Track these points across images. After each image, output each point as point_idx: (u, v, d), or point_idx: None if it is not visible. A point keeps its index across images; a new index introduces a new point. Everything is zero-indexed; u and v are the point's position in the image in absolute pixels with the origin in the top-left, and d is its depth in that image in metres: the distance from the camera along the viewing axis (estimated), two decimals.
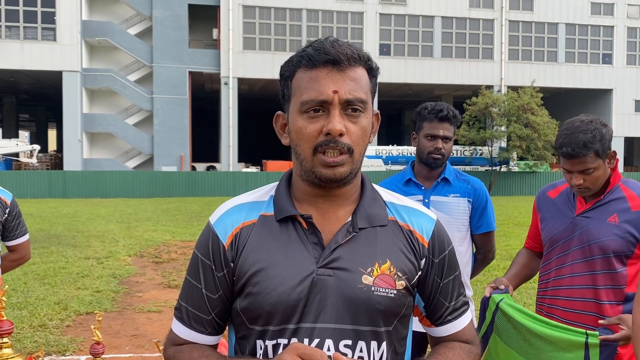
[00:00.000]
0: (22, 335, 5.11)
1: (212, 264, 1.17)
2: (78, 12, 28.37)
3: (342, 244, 1.13)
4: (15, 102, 38.59)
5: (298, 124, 1.12)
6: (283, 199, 1.19)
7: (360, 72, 1.13)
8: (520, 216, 16.04)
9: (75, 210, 17.81)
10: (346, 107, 1.10)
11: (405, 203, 1.25)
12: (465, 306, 1.28)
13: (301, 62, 1.12)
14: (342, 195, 1.17)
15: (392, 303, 1.13)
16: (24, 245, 2.75)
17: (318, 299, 1.10)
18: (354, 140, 1.11)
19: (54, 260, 8.95)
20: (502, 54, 32.45)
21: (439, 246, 1.22)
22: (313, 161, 1.11)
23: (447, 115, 2.56)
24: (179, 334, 1.20)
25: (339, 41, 1.12)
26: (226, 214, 1.20)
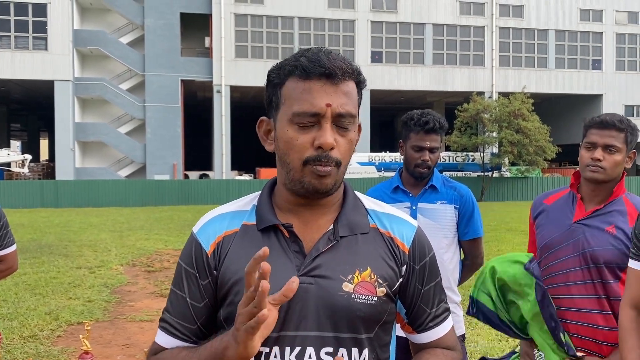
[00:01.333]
0: (12, 346, 5.08)
1: (197, 272, 1.17)
2: (70, 22, 28.35)
3: (323, 252, 1.14)
4: (7, 112, 38.44)
5: (288, 134, 1.11)
6: (265, 208, 1.19)
7: (351, 86, 1.14)
8: (513, 221, 16.11)
9: (67, 220, 17.72)
10: (337, 121, 1.11)
11: (387, 210, 1.26)
12: (447, 312, 1.29)
13: (294, 72, 1.12)
14: (325, 204, 1.19)
15: (372, 310, 1.14)
16: (11, 256, 2.74)
17: (299, 307, 1.11)
18: (342, 153, 1.13)
19: (46, 270, 8.90)
20: (492, 61, 32.69)
21: (419, 253, 1.23)
22: (303, 172, 1.12)
23: (434, 127, 2.56)
24: (163, 344, 1.19)
25: (333, 53, 1.12)
26: (208, 223, 1.21)
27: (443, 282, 2.61)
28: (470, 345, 4.96)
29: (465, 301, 2.76)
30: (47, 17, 28.21)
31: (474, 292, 2.25)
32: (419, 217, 2.60)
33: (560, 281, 2.03)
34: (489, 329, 5.57)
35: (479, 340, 5.19)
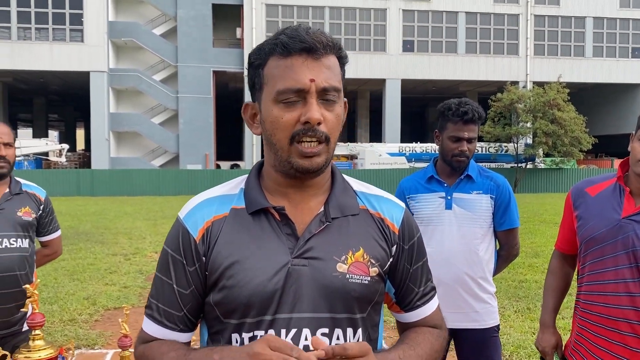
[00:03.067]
0: (53, 329, 5.25)
1: (183, 259, 1.15)
2: (105, 13, 28.84)
3: (316, 233, 1.14)
4: (45, 103, 39.43)
5: (273, 113, 1.10)
6: (254, 191, 1.18)
7: (333, 61, 1.12)
8: (546, 213, 15.82)
9: (103, 208, 18.15)
10: (322, 96, 1.09)
11: (374, 192, 1.26)
12: (433, 291, 1.31)
13: (275, 50, 1.10)
14: (314, 185, 1.18)
15: (366, 290, 1.15)
16: (56, 241, 2.86)
17: (294, 289, 1.11)
18: (330, 128, 1.11)
19: (83, 256, 9.15)
20: (527, 49, 31.98)
21: (408, 233, 1.24)
22: (289, 151, 1.10)
23: (472, 118, 2.52)
24: (150, 332, 1.18)
25: (313, 28, 1.12)
26: (196, 208, 1.19)
27: (478, 272, 2.61)
28: (503, 337, 4.91)
29: (498, 291, 2.73)
30: (83, 10, 28.76)
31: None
32: (454, 207, 2.58)
33: (608, 278, 1.92)
34: (522, 321, 5.50)
35: (511, 332, 5.14)
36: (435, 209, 2.61)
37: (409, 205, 2.70)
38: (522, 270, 7.84)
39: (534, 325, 5.33)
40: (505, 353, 4.58)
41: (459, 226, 2.57)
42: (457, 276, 2.56)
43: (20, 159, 26.05)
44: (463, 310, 2.57)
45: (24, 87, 34.23)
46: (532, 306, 6.00)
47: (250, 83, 1.17)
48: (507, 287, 6.84)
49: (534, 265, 8.20)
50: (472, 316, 2.58)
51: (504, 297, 6.32)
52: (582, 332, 1.96)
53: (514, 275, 7.48)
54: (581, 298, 1.99)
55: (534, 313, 5.74)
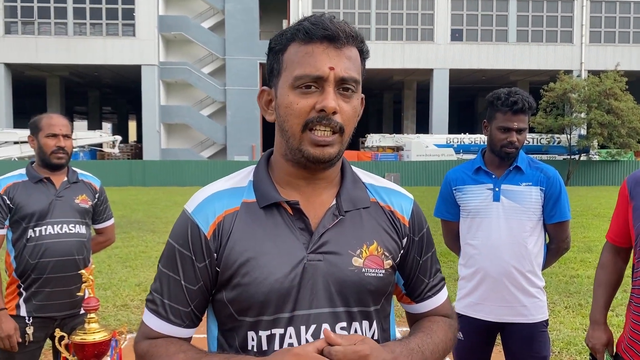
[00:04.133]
0: (107, 313, 5.47)
1: (193, 254, 1.11)
2: (155, 8, 29.54)
3: (330, 228, 1.12)
4: (99, 96, 40.81)
5: (289, 99, 1.07)
6: (264, 184, 1.15)
7: (354, 52, 1.10)
8: (601, 207, 15.27)
9: (154, 198, 18.67)
10: (340, 86, 1.07)
11: (383, 184, 1.25)
12: (443, 282, 1.30)
13: (296, 36, 1.08)
14: (325, 178, 1.16)
15: (381, 282, 1.15)
16: (110, 229, 2.98)
17: (310, 284, 1.09)
18: (345, 119, 1.08)
19: (135, 244, 9.46)
20: (582, 37, 30.81)
21: (418, 225, 1.24)
22: (301, 138, 1.07)
23: (523, 108, 2.46)
24: (154, 327, 1.14)
25: (337, 18, 1.09)
26: (205, 202, 1.14)
27: (526, 266, 2.56)
28: (553, 333, 4.79)
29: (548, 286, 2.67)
30: (134, 4, 29.54)
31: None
32: (502, 199, 2.53)
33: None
34: (573, 317, 5.35)
35: (562, 328, 5.01)
36: (482, 200, 2.57)
37: (455, 197, 2.66)
38: (574, 265, 7.61)
39: (586, 321, 5.17)
40: (554, 349, 4.47)
41: (507, 219, 2.52)
42: (504, 269, 2.51)
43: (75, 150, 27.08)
44: (510, 304, 2.53)
45: (79, 81, 35.51)
46: (584, 302, 5.83)
47: (269, 68, 1.15)
48: (558, 282, 6.66)
49: (586, 261, 7.95)
50: (520, 310, 2.53)
51: (554, 292, 6.16)
52: (637, 327, 1.90)
53: (565, 270, 7.28)
54: (636, 293, 1.91)
55: (585, 309, 5.57)
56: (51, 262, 2.57)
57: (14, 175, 2.66)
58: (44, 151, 2.62)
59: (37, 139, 2.63)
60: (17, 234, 2.60)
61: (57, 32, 29.60)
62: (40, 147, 2.62)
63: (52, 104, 33.34)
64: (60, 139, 2.61)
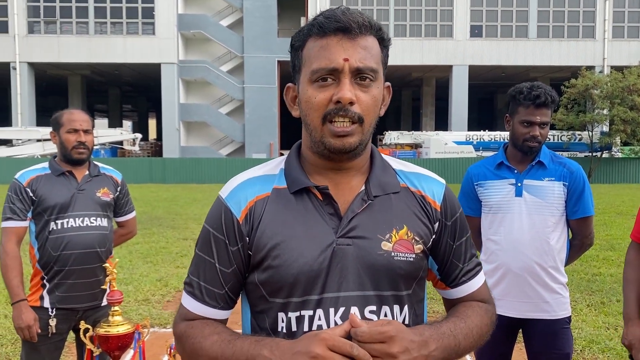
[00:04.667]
0: (128, 308, 5.53)
1: (226, 238, 1.16)
2: (174, 6, 29.76)
3: (359, 212, 1.14)
4: (120, 94, 41.27)
5: (308, 93, 1.10)
6: (295, 171, 1.18)
7: (371, 41, 1.11)
8: (623, 205, 15.02)
9: (174, 195, 18.84)
10: (357, 76, 1.08)
11: (414, 169, 1.26)
12: (479, 267, 1.29)
13: (312, 31, 1.10)
14: (353, 167, 1.17)
15: (411, 267, 1.15)
16: (131, 221, 3.02)
17: (339, 268, 1.11)
18: (364, 109, 1.09)
19: (156, 240, 9.56)
20: (604, 32, 30.29)
21: (450, 209, 1.24)
22: (322, 131, 1.10)
23: (545, 102, 2.43)
24: (191, 309, 1.19)
25: (351, 10, 1.10)
26: (238, 188, 1.19)
27: (548, 261, 2.53)
28: (575, 331, 4.73)
29: (570, 284, 2.63)
30: (154, 3, 29.79)
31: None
32: (524, 194, 2.50)
33: None
34: (596, 315, 5.28)
35: (584, 326, 4.94)
36: (504, 196, 2.55)
37: (477, 193, 2.64)
38: (596, 263, 7.50)
39: (608, 320, 5.10)
40: (576, 348, 4.41)
41: (529, 214, 2.49)
42: (527, 265, 2.49)
43: (96, 147, 27.42)
44: (532, 300, 2.50)
45: (100, 79, 35.95)
46: (607, 300, 5.74)
47: (292, 65, 1.18)
48: (580, 280, 6.58)
49: (609, 259, 7.83)
50: (542, 306, 2.50)
51: (576, 290, 6.08)
52: None
53: (587, 268, 7.18)
54: None
55: (608, 307, 5.49)
56: (73, 255, 2.61)
57: (38, 169, 2.72)
58: (65, 146, 2.66)
59: (59, 134, 2.68)
60: (40, 226, 2.65)
61: (79, 31, 29.99)
62: (62, 142, 2.67)
63: (73, 102, 33.82)
64: (80, 134, 2.65)
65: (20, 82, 29.45)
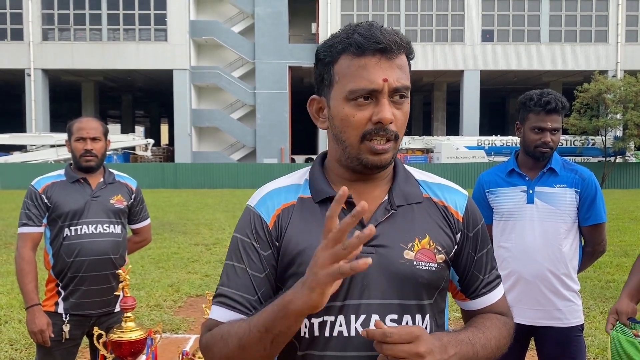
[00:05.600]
0: (141, 313, 5.57)
1: (258, 243, 1.17)
2: (187, 13, 30.00)
3: (382, 221, 1.16)
4: (132, 100, 41.62)
5: (345, 111, 1.12)
6: (319, 181, 1.21)
7: (404, 60, 1.14)
8: (638, 210, 14.87)
9: (186, 200, 18.94)
10: (393, 95, 1.12)
11: (437, 180, 1.27)
12: (498, 279, 1.29)
13: (348, 49, 1.11)
14: (378, 177, 1.20)
15: (433, 276, 1.16)
16: (146, 229, 3.04)
17: (362, 276, 1.12)
18: (399, 126, 1.13)
19: (167, 245, 9.61)
20: (618, 36, 30.07)
21: (472, 221, 1.24)
22: (360, 148, 1.12)
23: (556, 107, 2.43)
24: (221, 318, 1.15)
25: (385, 27, 1.12)
26: (266, 196, 1.22)
27: (561, 269, 2.52)
28: (588, 339, 4.69)
29: (583, 291, 2.62)
30: (166, 10, 30.06)
31: None
32: (536, 201, 2.50)
33: None
34: None
35: (597, 334, 4.89)
36: (516, 203, 2.54)
37: (488, 200, 2.64)
38: (610, 270, 7.43)
39: None
40: (590, 355, 4.37)
41: (541, 221, 2.49)
42: (539, 272, 2.48)
43: (110, 153, 27.67)
44: (544, 307, 2.49)
45: (113, 85, 36.30)
46: None
47: (319, 78, 1.18)
48: (593, 287, 6.52)
49: (622, 265, 7.75)
50: (554, 314, 2.49)
51: (589, 297, 6.03)
52: None
53: (600, 275, 7.11)
54: None
55: None
56: (86, 261, 2.64)
57: (53, 176, 2.76)
58: (75, 154, 2.73)
59: (70, 142, 2.74)
60: (54, 232, 2.69)
61: (92, 38, 30.33)
62: (72, 150, 2.73)
63: (86, 108, 34.18)
64: (87, 142, 2.70)
65: (34, 89, 29.83)
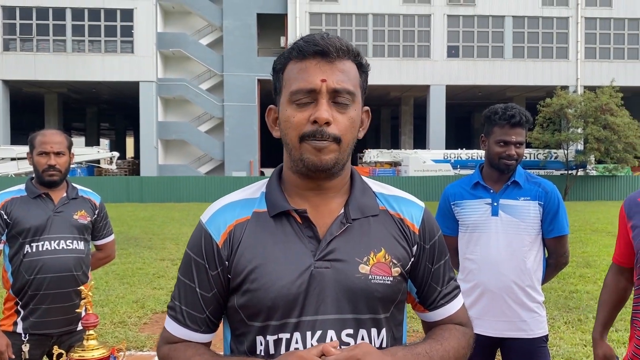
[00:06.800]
0: (104, 330, 5.42)
1: (206, 263, 1.17)
2: (154, 25, 29.74)
3: (337, 235, 1.15)
4: (97, 112, 40.87)
5: (287, 113, 1.13)
6: (275, 194, 1.19)
7: (349, 65, 1.14)
8: (599, 222, 15.28)
9: (151, 214, 18.62)
10: (334, 97, 1.11)
11: (393, 192, 1.28)
12: (457, 290, 1.30)
13: (292, 55, 1.14)
14: (333, 187, 1.19)
15: (389, 290, 1.16)
16: (110, 245, 2.97)
17: (317, 291, 1.12)
18: (341, 129, 1.12)
19: (132, 261, 9.41)
20: (577, 53, 31.07)
21: (429, 233, 1.25)
22: (300, 149, 1.12)
23: (520, 121, 2.49)
24: (173, 332, 1.21)
25: (330, 35, 1.14)
26: (218, 212, 1.21)
27: (525, 280, 2.56)
28: (552, 349, 4.77)
29: (547, 301, 2.67)
30: (133, 22, 29.74)
31: None
32: (500, 213, 2.54)
33: None
34: (573, 332, 5.33)
35: (561, 344, 4.98)
36: (480, 215, 2.58)
37: (454, 212, 2.67)
38: (573, 281, 7.59)
39: (585, 337, 5.15)
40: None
41: (506, 233, 2.53)
42: (504, 284, 2.51)
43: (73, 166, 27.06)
44: (510, 319, 2.52)
45: (77, 97, 35.59)
46: (584, 317, 5.80)
47: (273, 87, 1.21)
48: (557, 298, 6.64)
49: (585, 276, 7.93)
50: (520, 325, 2.52)
51: (553, 307, 6.14)
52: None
53: (564, 286, 7.26)
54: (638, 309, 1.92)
55: (585, 325, 5.55)
56: (47, 278, 2.56)
57: (13, 191, 2.67)
58: (37, 169, 2.63)
59: (32, 156, 2.64)
60: (14, 249, 2.59)
61: (56, 49, 29.74)
62: (35, 164, 2.64)
63: (49, 120, 33.37)
64: (51, 157, 2.61)
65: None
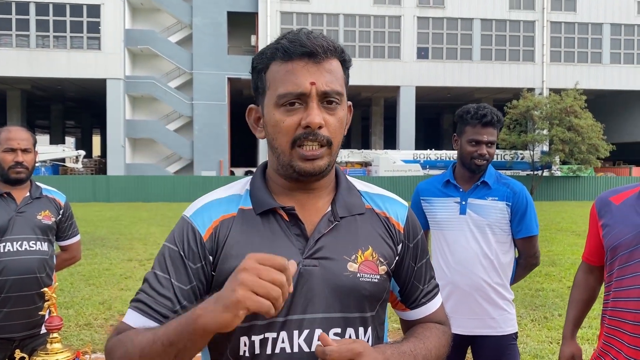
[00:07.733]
0: (69, 333, 5.29)
1: (188, 255, 1.11)
2: (122, 22, 29.21)
3: (325, 233, 1.14)
4: (62, 110, 39.94)
5: (275, 117, 1.10)
6: (261, 192, 1.17)
7: (335, 64, 1.12)
8: (564, 222, 15.65)
9: (119, 214, 18.29)
10: (323, 99, 1.09)
11: (378, 191, 1.27)
12: (437, 289, 1.31)
13: (276, 55, 1.10)
14: (319, 187, 1.18)
15: (376, 288, 1.15)
16: (75, 246, 2.89)
17: (305, 289, 1.10)
18: (332, 132, 1.11)
19: (99, 262, 9.22)
20: (543, 56, 31.78)
21: (413, 231, 1.25)
22: (291, 155, 1.10)
23: (492, 121, 2.52)
24: (133, 323, 1.08)
25: (314, 33, 1.12)
26: (203, 208, 1.17)
27: (494, 278, 2.58)
28: (520, 346, 4.84)
29: (515, 300, 2.70)
30: (100, 18, 29.15)
31: None
32: (468, 212, 2.56)
33: (628, 284, 1.87)
34: (539, 330, 5.43)
35: (528, 341, 5.07)
36: (449, 213, 2.60)
37: (423, 208, 2.69)
38: (539, 279, 7.75)
39: (551, 334, 5.25)
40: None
41: (474, 232, 2.56)
42: (473, 282, 2.54)
43: (37, 165, 26.40)
44: (479, 317, 2.55)
45: (42, 94, 34.73)
46: (549, 315, 5.92)
47: (254, 87, 1.17)
48: (524, 296, 6.77)
49: (550, 274, 8.11)
50: (489, 323, 2.55)
51: (520, 305, 6.25)
52: (609, 340, 1.92)
53: (530, 284, 7.40)
54: (609, 306, 1.94)
55: (551, 322, 5.66)
56: (9, 281, 2.48)
57: None
58: (2, 166, 2.54)
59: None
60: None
61: (19, 44, 28.94)
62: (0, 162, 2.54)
63: (12, 117, 32.46)
64: (18, 154, 2.53)
65: None
